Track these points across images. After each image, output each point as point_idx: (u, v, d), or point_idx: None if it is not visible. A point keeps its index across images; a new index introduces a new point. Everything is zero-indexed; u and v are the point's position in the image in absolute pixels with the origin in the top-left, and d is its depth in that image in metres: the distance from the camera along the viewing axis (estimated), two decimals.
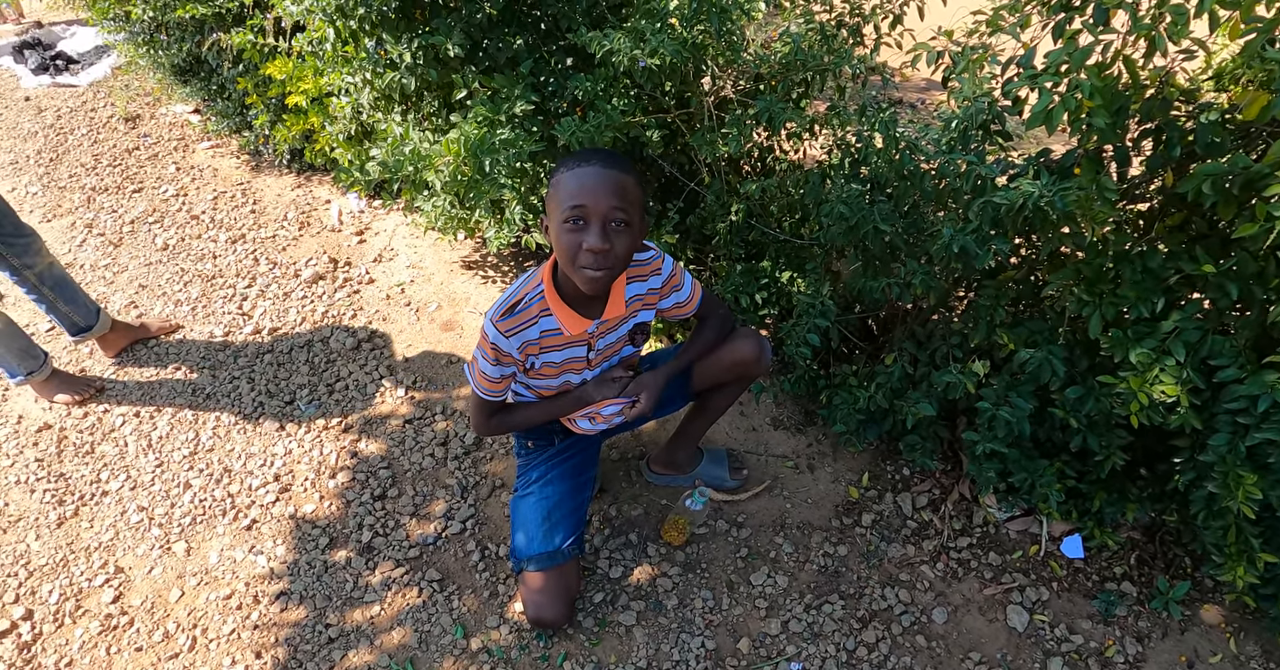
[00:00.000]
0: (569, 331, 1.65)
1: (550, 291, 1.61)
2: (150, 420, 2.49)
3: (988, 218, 1.63)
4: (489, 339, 1.61)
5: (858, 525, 2.23)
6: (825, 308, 2.06)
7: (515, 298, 1.60)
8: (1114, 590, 2.12)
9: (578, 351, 1.71)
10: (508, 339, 1.61)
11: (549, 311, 1.62)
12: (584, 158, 1.42)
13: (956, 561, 2.17)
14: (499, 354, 1.62)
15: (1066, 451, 2.04)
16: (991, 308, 1.89)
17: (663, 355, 2.01)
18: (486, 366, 1.65)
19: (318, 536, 2.15)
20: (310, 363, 2.70)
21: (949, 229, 1.60)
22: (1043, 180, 1.49)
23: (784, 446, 2.44)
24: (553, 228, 1.47)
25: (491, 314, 1.60)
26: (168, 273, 3.14)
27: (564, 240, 1.43)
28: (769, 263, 2.26)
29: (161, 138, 4.14)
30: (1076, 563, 2.20)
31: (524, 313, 1.60)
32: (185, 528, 2.19)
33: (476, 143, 1.88)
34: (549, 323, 1.63)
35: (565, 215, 1.40)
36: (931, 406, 2.02)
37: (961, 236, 1.60)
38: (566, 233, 1.42)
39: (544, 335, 1.65)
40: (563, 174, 1.42)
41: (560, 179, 1.43)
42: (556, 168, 1.45)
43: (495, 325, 1.59)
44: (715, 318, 1.89)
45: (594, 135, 1.88)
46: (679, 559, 2.12)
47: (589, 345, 1.71)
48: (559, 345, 1.68)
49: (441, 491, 2.28)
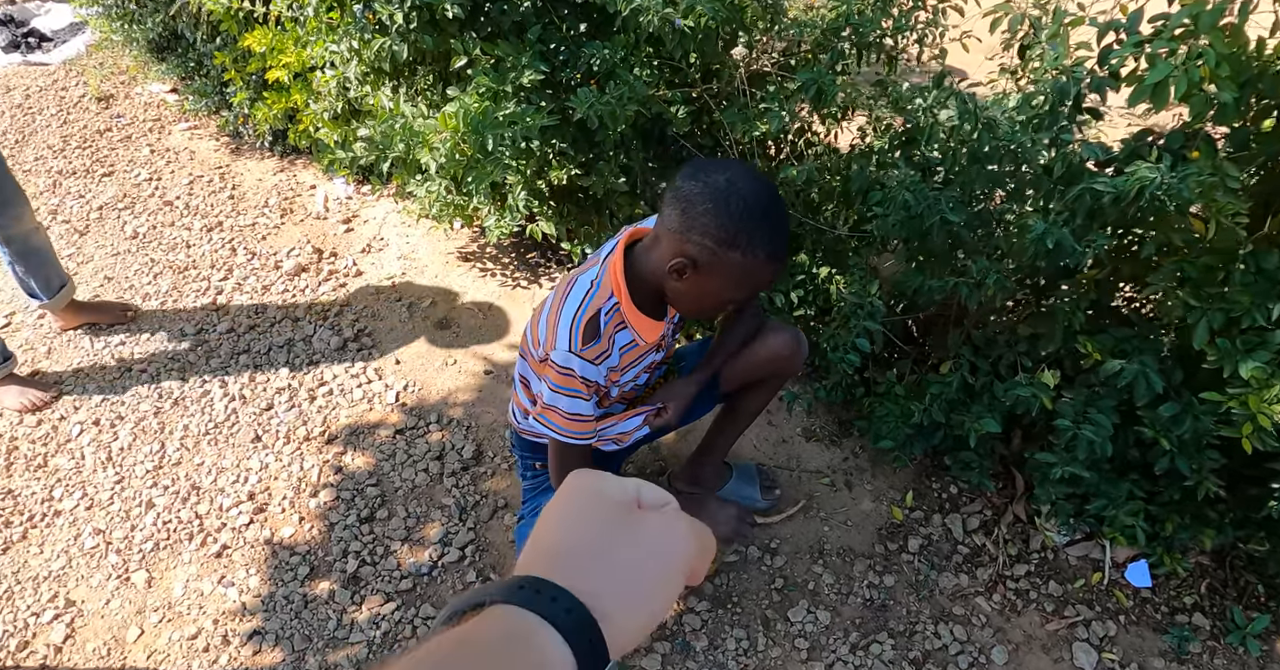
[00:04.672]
0: (645, 340, 1.42)
1: (629, 305, 1.37)
2: (111, 429, 2.24)
3: (1084, 209, 1.39)
4: (578, 374, 1.35)
5: (904, 551, 2.00)
6: (874, 308, 1.81)
7: (588, 315, 1.35)
8: (1185, 623, 1.93)
9: (650, 358, 1.52)
10: (597, 367, 1.37)
11: (624, 325, 1.39)
12: (781, 239, 1.25)
13: (1014, 592, 1.95)
14: (588, 386, 1.38)
15: (1135, 468, 1.82)
16: (1070, 311, 1.65)
17: (688, 353, 1.76)
18: (578, 404, 1.38)
19: (297, 565, 1.90)
20: (290, 364, 2.44)
21: (1040, 222, 1.35)
22: (1164, 165, 1.24)
23: (818, 461, 2.20)
24: (714, 291, 1.30)
25: (567, 343, 1.34)
26: (136, 264, 2.87)
27: (715, 309, 1.37)
28: (805, 256, 2.01)
29: (136, 118, 3.87)
30: (1143, 592, 2.00)
31: (605, 332, 1.37)
32: (147, 554, 1.93)
33: (478, 117, 1.62)
34: (624, 337, 1.41)
35: (740, 297, 1.32)
36: (996, 422, 1.79)
37: (1055, 230, 1.35)
38: (725, 305, 1.35)
39: (623, 353, 1.42)
40: (757, 257, 1.22)
41: (752, 264, 1.23)
42: (750, 231, 1.21)
43: (580, 356, 1.34)
44: (750, 308, 1.65)
45: (615, 109, 1.62)
46: (707, 592, 1.88)
47: (659, 345, 1.51)
48: (637, 359, 1.47)
49: (437, 512, 2.03)
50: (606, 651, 0.41)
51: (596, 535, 0.46)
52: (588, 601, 0.41)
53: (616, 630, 0.42)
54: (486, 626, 0.39)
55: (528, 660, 0.38)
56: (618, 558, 0.45)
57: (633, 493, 0.50)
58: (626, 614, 0.43)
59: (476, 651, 0.38)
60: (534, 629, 0.39)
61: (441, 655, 0.38)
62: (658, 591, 0.46)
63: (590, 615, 0.41)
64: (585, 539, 0.46)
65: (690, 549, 0.48)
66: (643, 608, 0.44)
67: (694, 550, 0.48)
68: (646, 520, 0.48)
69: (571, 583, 0.42)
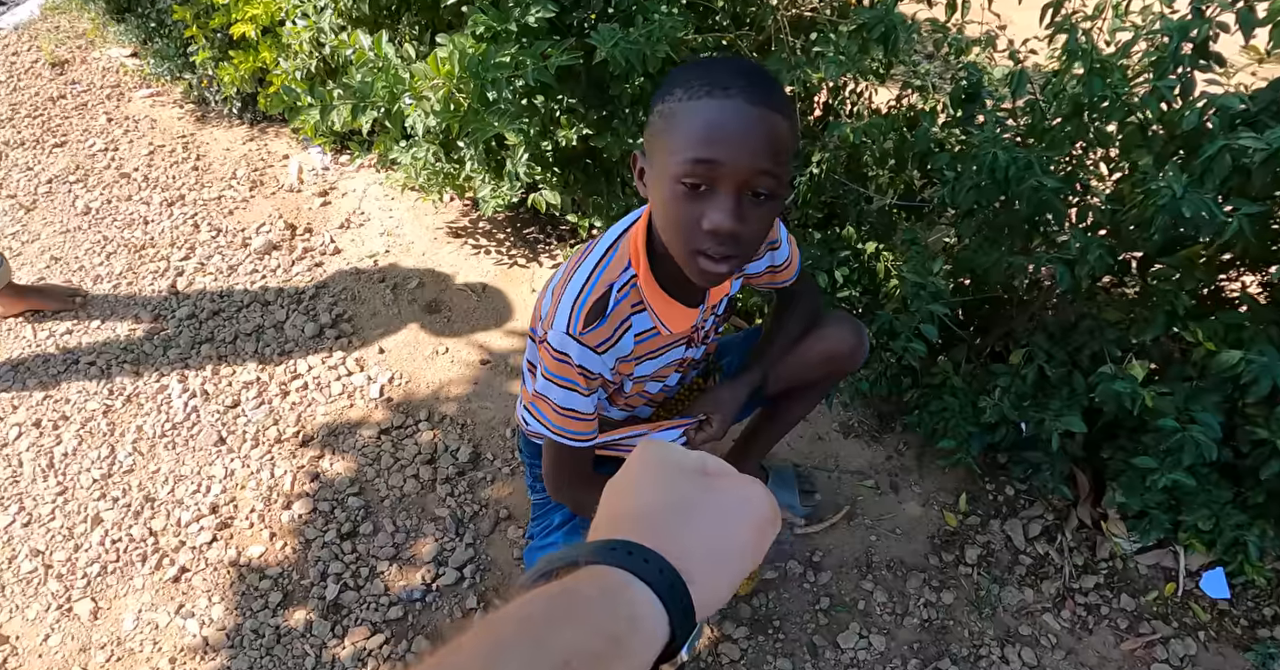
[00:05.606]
0: (670, 329, 1.14)
1: (647, 277, 1.09)
2: (53, 432, 1.95)
3: (1221, 171, 1.13)
4: (574, 362, 1.08)
5: (961, 562, 1.78)
6: (938, 290, 1.56)
7: (595, 292, 1.07)
8: (1267, 638, 1.74)
9: (677, 352, 1.23)
10: (600, 355, 1.09)
11: (642, 307, 1.11)
12: (717, 76, 0.89)
13: (1084, 607, 1.75)
14: (587, 377, 1.10)
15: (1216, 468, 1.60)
16: (1174, 294, 1.40)
17: (733, 345, 1.49)
18: (574, 399, 1.11)
19: (267, 591, 1.64)
20: (259, 355, 2.16)
21: (1177, 183, 1.10)
22: None
23: (859, 460, 1.96)
24: (657, 183, 0.96)
25: (566, 323, 1.06)
26: (87, 242, 2.57)
27: (674, 210, 0.94)
28: (852, 229, 1.76)
29: (93, 85, 3.57)
30: (1220, 604, 1.79)
31: (614, 314, 1.08)
32: (93, 580, 1.67)
33: (476, 60, 1.34)
34: (643, 322, 1.12)
35: (681, 171, 0.90)
36: (1079, 420, 1.55)
37: (1196, 196, 1.09)
38: (680, 199, 0.93)
39: (639, 342, 1.14)
40: (681, 100, 0.90)
41: (676, 108, 0.91)
42: (669, 85, 0.92)
43: (579, 341, 1.06)
44: (806, 294, 1.38)
45: (644, 49, 1.35)
46: (745, 615, 1.64)
47: (690, 340, 1.22)
48: (658, 350, 1.18)
49: (430, 526, 1.77)
50: (694, 613, 0.42)
51: (679, 500, 0.47)
52: (676, 564, 0.42)
53: (703, 592, 0.43)
54: (585, 582, 0.40)
55: (626, 614, 0.39)
56: (701, 521, 0.46)
57: (699, 460, 0.51)
58: (712, 576, 0.44)
59: (576, 601, 0.39)
60: (629, 586, 0.40)
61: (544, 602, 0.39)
62: (741, 554, 0.47)
63: (680, 577, 0.42)
64: (668, 503, 0.47)
65: (767, 513, 0.49)
66: (726, 570, 0.46)
67: (770, 515, 0.49)
68: (723, 485, 0.49)
69: (659, 545, 0.43)
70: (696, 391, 1.41)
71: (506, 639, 0.37)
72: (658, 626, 0.40)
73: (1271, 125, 1.17)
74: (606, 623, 0.38)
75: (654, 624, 0.39)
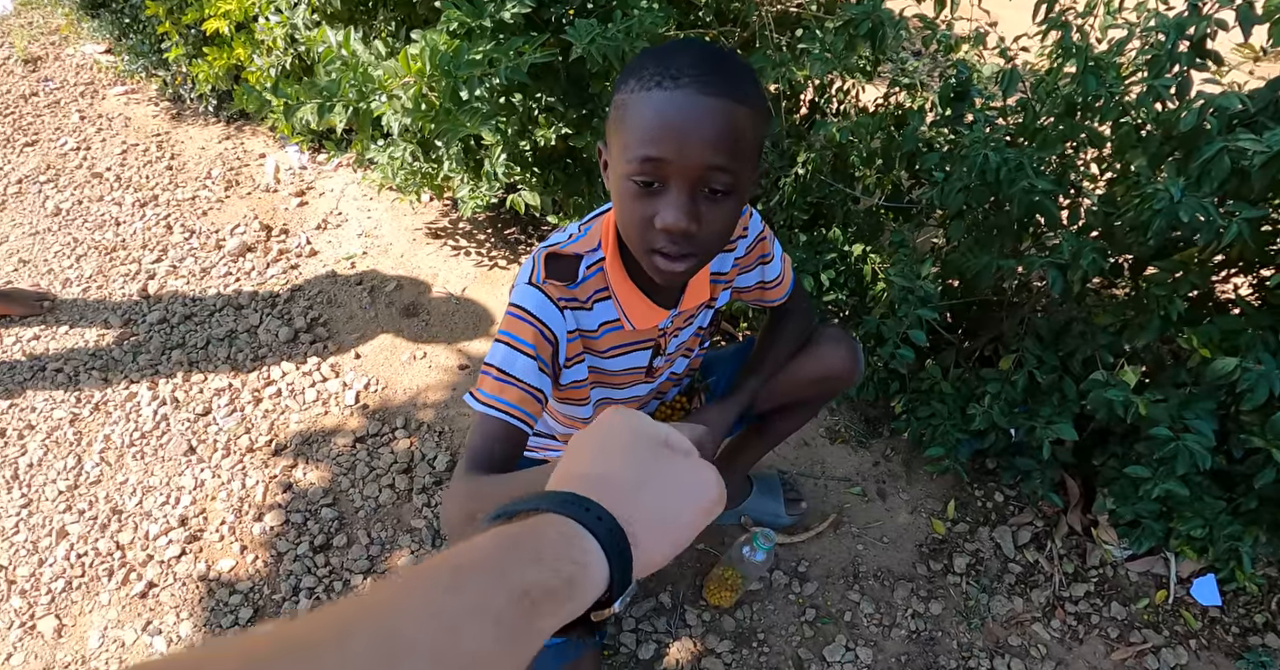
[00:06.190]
0: (633, 325, 1.08)
1: (615, 263, 1.03)
2: (18, 441, 1.89)
3: (1219, 173, 1.10)
4: (531, 312, 1.00)
5: (949, 572, 1.74)
6: (927, 294, 1.52)
7: (565, 251, 1.02)
8: (1259, 645, 1.72)
9: (639, 358, 1.16)
10: (561, 312, 1.01)
11: (608, 294, 1.05)
12: (670, 64, 0.83)
13: (1074, 616, 1.72)
14: (542, 336, 1.00)
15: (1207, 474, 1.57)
16: (1168, 298, 1.37)
17: (722, 360, 1.44)
18: (517, 360, 0.98)
19: (238, 606, 1.59)
20: (232, 361, 2.10)
21: (1174, 186, 1.06)
22: None
23: (845, 466, 1.92)
24: (613, 179, 0.90)
25: (528, 274, 1.00)
26: (57, 244, 2.50)
27: (628, 207, 0.88)
28: (838, 231, 1.72)
29: (66, 82, 3.49)
30: (1211, 611, 1.77)
31: (582, 288, 1.03)
32: (57, 596, 1.61)
33: (448, 58, 1.28)
34: (606, 311, 1.06)
35: (632, 169, 0.85)
36: (1071, 428, 1.51)
37: (1193, 199, 1.05)
38: (633, 196, 0.87)
39: (601, 329, 1.08)
40: (634, 91, 0.84)
41: (629, 100, 0.85)
42: (625, 74, 0.87)
43: (542, 289, 0.99)
44: (799, 313, 1.33)
45: (622, 45, 1.30)
46: (728, 628, 1.60)
47: (657, 347, 1.16)
48: (617, 348, 1.12)
49: (405, 537, 1.72)
50: (632, 572, 0.46)
51: (638, 468, 0.52)
52: (625, 526, 0.46)
53: (642, 554, 0.47)
54: (543, 526, 0.44)
55: (576, 559, 0.43)
56: (652, 492, 0.51)
57: (663, 434, 0.55)
58: (654, 542, 0.49)
59: (541, 542, 0.43)
60: (582, 537, 0.44)
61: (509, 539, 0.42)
62: (682, 528, 0.51)
63: (626, 538, 0.46)
64: (624, 470, 0.51)
65: (714, 495, 0.54)
66: (666, 538, 0.50)
67: (717, 499, 0.54)
68: (678, 462, 0.54)
69: (612, 506, 0.47)
70: (680, 410, 1.36)
71: (471, 565, 0.39)
72: (600, 577, 0.44)
73: (1270, 126, 1.14)
74: (564, 565, 0.42)
75: (598, 573, 0.44)
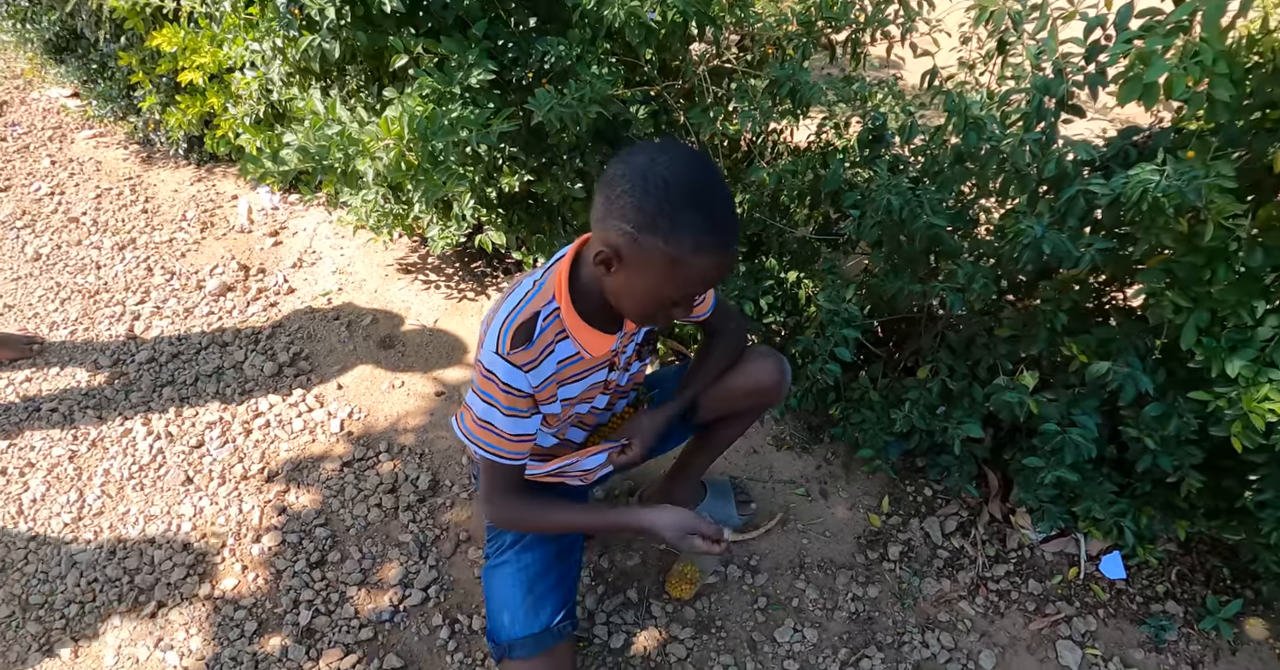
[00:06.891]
0: (590, 353, 1.28)
1: (569, 310, 1.23)
2: (20, 479, 2.01)
3: (1077, 211, 1.33)
4: (501, 381, 1.21)
5: (884, 559, 1.95)
6: (850, 315, 1.74)
7: (522, 316, 1.21)
8: (1160, 612, 1.93)
9: (598, 376, 1.36)
10: (526, 374, 1.22)
11: (565, 335, 1.25)
12: (724, 231, 1.06)
13: (996, 593, 1.93)
14: (516, 400, 1.23)
15: (1106, 461, 1.81)
16: (1052, 313, 1.60)
17: (666, 377, 1.65)
18: (505, 421, 1.24)
19: (243, 621, 1.73)
20: (221, 395, 2.24)
21: (1038, 224, 1.29)
22: (1168, 166, 1.19)
23: (791, 470, 2.13)
24: (644, 287, 1.11)
25: (494, 344, 1.20)
26: (40, 288, 2.61)
27: (655, 308, 1.16)
28: (774, 260, 1.93)
29: (34, 126, 3.57)
30: (1118, 583, 1.99)
31: (540, 339, 1.22)
32: (71, 621, 1.74)
33: (424, 122, 1.47)
34: (566, 348, 1.26)
35: (681, 295, 1.13)
36: (978, 427, 1.74)
37: (1054, 235, 1.29)
38: (666, 306, 1.16)
39: (562, 366, 1.28)
40: (694, 251, 1.04)
41: (689, 259, 1.04)
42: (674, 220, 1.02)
43: (508, 359, 1.20)
44: (728, 333, 1.54)
45: (576, 110, 1.50)
46: (689, 617, 1.79)
47: (612, 364, 1.37)
48: (579, 374, 1.32)
49: (394, 551, 1.88)
50: None
51: None
52: None
53: None
54: None
55: None
56: None
57: None
58: None
59: None
60: None
61: None
62: None
63: None
64: None
65: None
66: None
67: None
68: None
69: None
70: (626, 419, 1.56)
71: None
72: None
73: (1117, 171, 1.37)
74: None
75: None
